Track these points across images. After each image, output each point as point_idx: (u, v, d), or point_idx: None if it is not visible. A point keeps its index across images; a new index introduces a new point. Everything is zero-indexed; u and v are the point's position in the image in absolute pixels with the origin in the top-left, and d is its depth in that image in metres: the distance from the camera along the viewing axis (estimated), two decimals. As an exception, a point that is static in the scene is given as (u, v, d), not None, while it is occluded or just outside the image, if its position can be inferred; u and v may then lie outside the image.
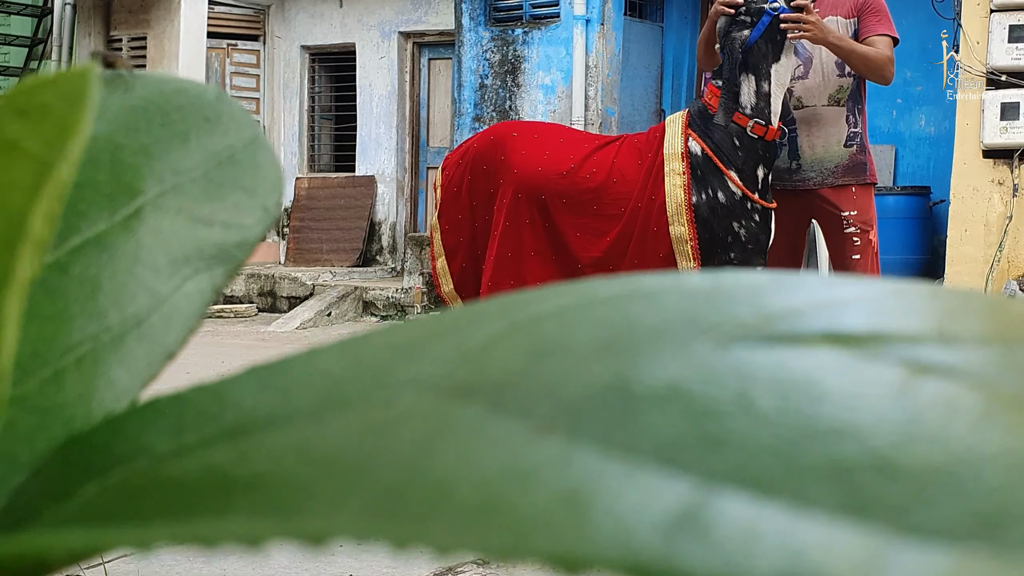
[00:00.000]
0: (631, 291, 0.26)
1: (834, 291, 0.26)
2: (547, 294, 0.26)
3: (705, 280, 0.26)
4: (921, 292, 0.26)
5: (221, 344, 9.24)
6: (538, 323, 0.25)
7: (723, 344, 0.23)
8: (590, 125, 10.07)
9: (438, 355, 0.25)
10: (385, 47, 12.37)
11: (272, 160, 0.37)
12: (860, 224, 4.93)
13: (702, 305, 0.25)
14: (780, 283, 0.26)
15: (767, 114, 4.70)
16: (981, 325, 0.24)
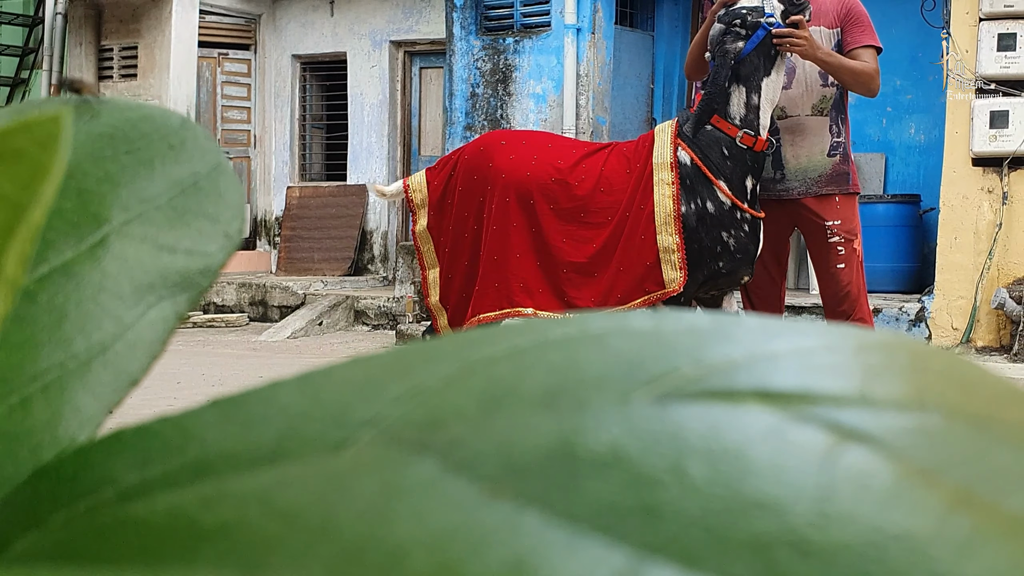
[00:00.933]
0: (580, 333, 0.26)
1: (770, 343, 0.26)
2: (502, 334, 0.27)
3: (649, 323, 0.27)
4: (850, 347, 0.27)
5: (212, 354, 9.23)
6: (492, 365, 0.25)
7: (662, 399, 0.24)
8: (581, 134, 10.09)
9: (395, 395, 0.25)
10: (376, 56, 12.39)
11: (235, 187, 0.38)
12: (844, 233, 4.95)
13: (645, 351, 0.26)
14: (720, 331, 0.27)
15: (756, 126, 4.72)
16: (900, 386, 0.25)
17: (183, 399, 6.47)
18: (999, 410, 0.26)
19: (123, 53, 12.38)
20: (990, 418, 0.26)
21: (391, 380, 0.25)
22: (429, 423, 0.24)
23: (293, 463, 0.24)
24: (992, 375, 0.29)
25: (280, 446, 0.25)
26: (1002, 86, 7.85)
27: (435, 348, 0.26)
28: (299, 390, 0.26)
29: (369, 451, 0.23)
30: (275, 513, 0.22)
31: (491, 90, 10.65)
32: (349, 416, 0.25)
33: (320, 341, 10.11)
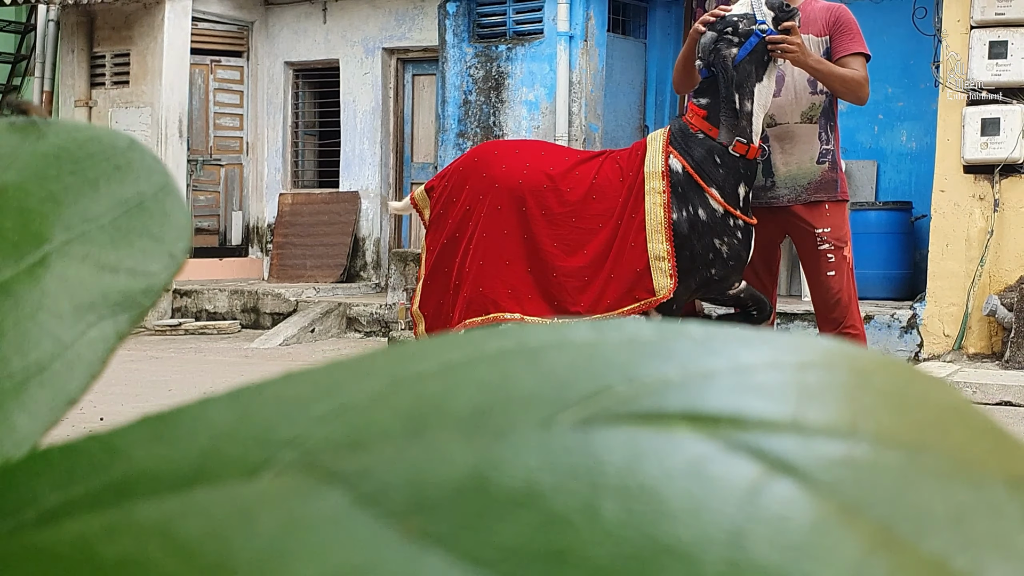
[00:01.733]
0: (517, 347, 0.26)
1: (709, 359, 0.26)
2: (436, 347, 0.26)
3: (589, 335, 0.26)
4: (791, 364, 0.26)
5: (204, 361, 9.21)
6: (422, 381, 0.25)
7: (588, 422, 0.24)
8: (574, 141, 10.09)
9: (321, 413, 0.25)
10: (369, 63, 12.39)
11: (181, 207, 0.38)
12: (834, 240, 4.95)
13: (580, 367, 0.25)
14: (660, 345, 0.26)
15: (748, 133, 4.73)
16: (834, 410, 0.25)
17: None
18: (936, 435, 0.26)
19: (115, 60, 12.37)
20: (923, 445, 0.25)
21: (320, 396, 0.25)
22: (350, 445, 0.24)
23: (208, 488, 0.24)
24: (939, 391, 0.28)
25: (201, 467, 0.25)
26: (993, 93, 7.86)
27: (368, 362, 0.26)
28: (229, 407, 0.26)
29: (282, 479, 0.23)
30: (174, 547, 0.22)
31: (484, 97, 10.66)
32: (273, 435, 0.24)
33: (312, 348, 10.10)
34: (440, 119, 10.91)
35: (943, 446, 0.25)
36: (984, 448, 0.25)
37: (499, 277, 4.81)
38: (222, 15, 12.73)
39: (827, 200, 4.98)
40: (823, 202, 4.97)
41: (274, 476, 0.23)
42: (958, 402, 0.27)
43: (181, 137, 12.22)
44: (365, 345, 10.19)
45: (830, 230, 4.96)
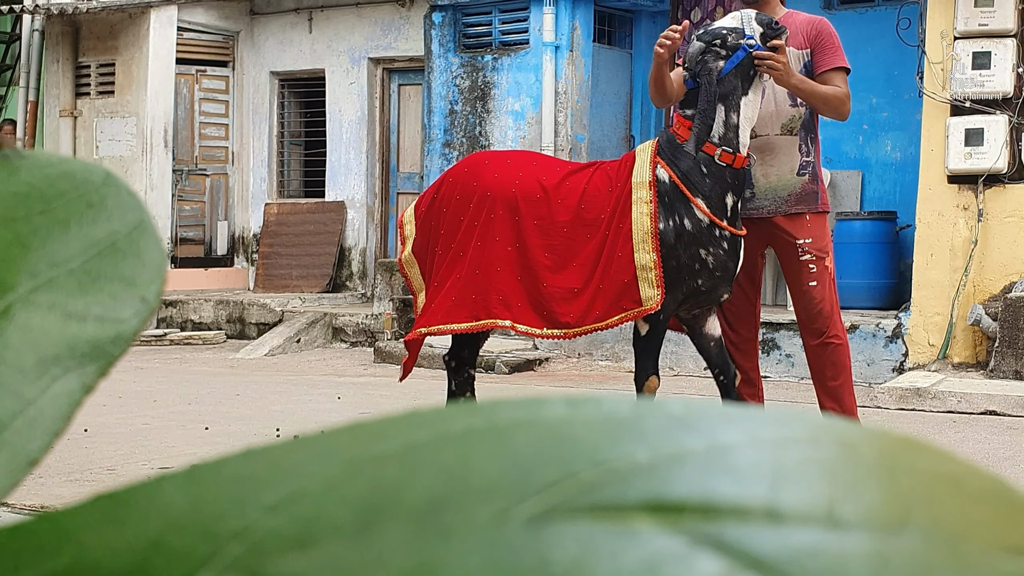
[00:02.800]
0: (485, 426, 0.25)
1: (684, 438, 0.25)
2: (402, 425, 0.26)
3: (562, 412, 0.26)
4: (771, 441, 0.25)
5: (189, 371, 9.18)
6: (382, 465, 0.24)
7: (544, 516, 0.23)
8: (560, 151, 10.10)
9: (274, 501, 0.24)
10: (355, 73, 12.38)
11: (156, 246, 0.37)
12: (816, 251, 4.97)
13: (547, 451, 0.24)
14: (634, 423, 0.25)
15: (735, 144, 4.75)
16: (814, 493, 0.23)
17: (159, 417, 6.43)
18: (924, 509, 0.25)
19: (101, 70, 12.34)
20: (908, 522, 0.24)
21: (276, 480, 0.24)
22: (297, 541, 0.23)
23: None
24: (931, 460, 0.27)
25: (146, 562, 0.24)
26: (977, 104, 7.89)
27: (330, 440, 0.25)
28: (184, 488, 0.25)
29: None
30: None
31: (470, 107, 10.66)
32: (222, 525, 0.23)
33: (298, 358, 10.07)
34: (426, 129, 10.90)
35: (931, 520, 0.24)
36: (979, 517, 0.24)
37: (490, 284, 4.82)
38: (207, 25, 12.71)
39: (808, 211, 5.00)
40: (804, 213, 4.99)
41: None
42: (952, 469, 0.26)
43: (166, 147, 12.19)
44: (351, 355, 10.16)
45: (811, 241, 4.98)
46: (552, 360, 9.04)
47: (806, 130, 5.01)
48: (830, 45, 4.95)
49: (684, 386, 7.78)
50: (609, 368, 8.85)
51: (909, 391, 6.97)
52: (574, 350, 9.17)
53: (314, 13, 12.57)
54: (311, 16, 12.59)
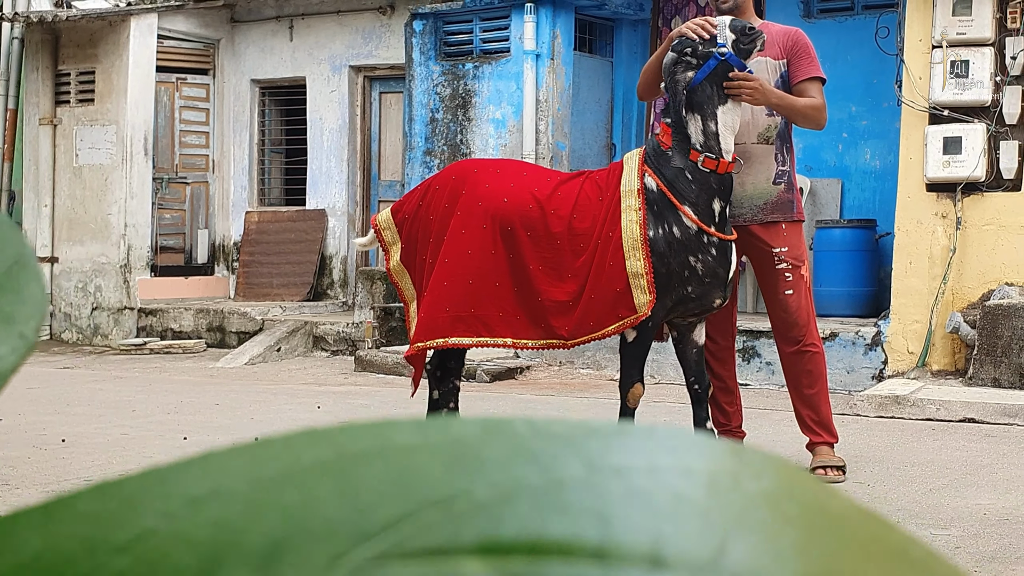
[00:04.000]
0: (335, 457, 0.25)
1: (523, 473, 0.25)
2: (253, 458, 0.25)
3: (413, 438, 0.25)
4: (612, 471, 0.25)
5: (168, 381, 9.14)
6: (229, 503, 0.24)
7: (376, 561, 0.22)
8: (541, 159, 10.10)
9: (122, 542, 0.24)
10: (336, 81, 12.37)
11: (36, 280, 0.36)
12: (791, 260, 4.99)
13: (391, 485, 0.24)
14: (480, 451, 0.25)
15: (717, 150, 4.76)
16: (640, 534, 0.23)
17: (137, 427, 6.40)
18: (731, 556, 0.24)
19: (80, 78, 12.30)
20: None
21: (126, 519, 0.24)
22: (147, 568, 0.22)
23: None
24: (808, 488, 0.27)
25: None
26: (955, 112, 7.93)
27: (180, 474, 0.25)
28: (39, 527, 0.25)
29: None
30: None
31: (451, 115, 10.66)
32: (72, 570, 0.23)
33: (278, 367, 10.05)
34: (407, 137, 10.90)
35: (752, 560, 0.23)
36: (849, 561, 0.24)
37: (490, 299, 4.80)
38: (188, 33, 12.68)
39: (784, 220, 5.02)
40: (780, 222, 5.02)
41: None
42: (827, 505, 0.26)
43: (147, 155, 12.15)
44: (332, 364, 10.14)
45: (787, 249, 5.00)
46: (533, 368, 9.04)
47: (782, 139, 5.04)
48: (806, 55, 4.98)
49: (664, 394, 7.78)
50: (591, 376, 8.85)
51: (888, 399, 6.99)
52: (555, 358, 9.16)
53: (295, 21, 12.56)
54: (292, 24, 12.58)
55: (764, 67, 4.90)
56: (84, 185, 12.24)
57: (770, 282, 5.04)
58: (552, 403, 7.49)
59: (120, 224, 11.99)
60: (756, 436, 5.73)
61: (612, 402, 5.95)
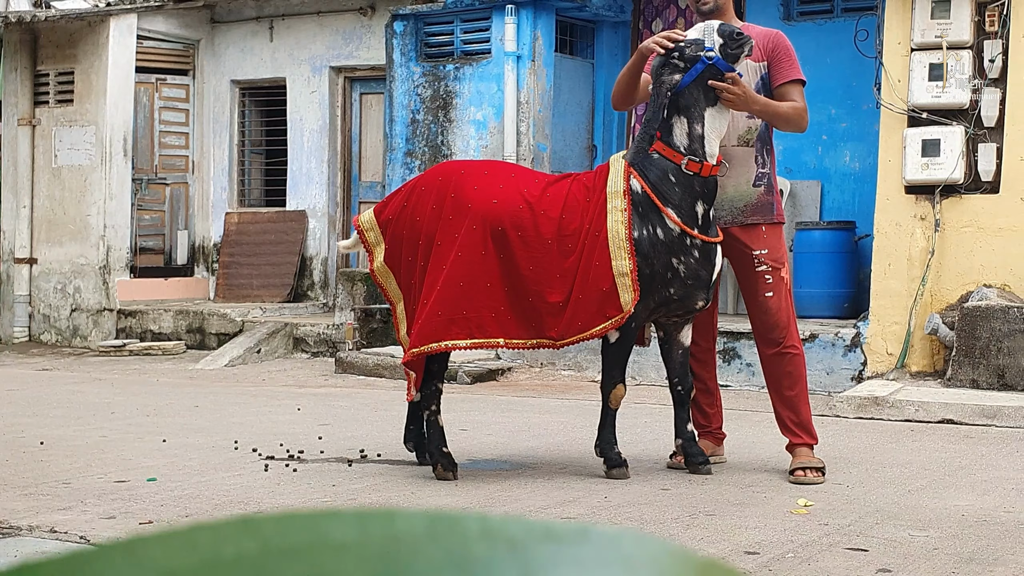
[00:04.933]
0: (258, 554, 0.25)
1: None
2: (172, 547, 0.25)
3: (351, 534, 0.25)
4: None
5: (148, 383, 9.10)
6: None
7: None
8: (522, 160, 10.10)
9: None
10: (316, 81, 12.34)
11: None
12: (771, 262, 5.01)
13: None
14: (410, 559, 0.25)
15: (701, 153, 4.78)
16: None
17: (116, 429, 6.37)
18: None
19: (59, 78, 12.24)
20: None
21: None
22: None
23: None
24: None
25: None
26: (933, 115, 7.97)
27: (108, 556, 0.24)
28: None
29: None
30: None
31: (432, 116, 10.64)
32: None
33: (258, 369, 10.01)
34: (388, 138, 10.88)
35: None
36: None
37: (482, 300, 4.80)
38: (167, 33, 12.64)
39: (764, 222, 5.04)
40: (760, 224, 5.04)
41: None
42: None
43: (126, 156, 12.10)
44: (312, 366, 10.12)
45: (767, 251, 5.02)
46: (515, 370, 9.04)
47: (762, 142, 5.06)
48: (786, 58, 5.00)
49: (646, 396, 7.79)
50: (572, 378, 8.85)
51: (867, 400, 7.01)
52: (537, 360, 9.16)
53: (275, 22, 12.52)
54: (272, 25, 12.55)
55: (745, 69, 4.92)
56: (63, 186, 12.17)
57: (750, 284, 5.06)
58: (533, 405, 7.49)
59: (99, 225, 11.94)
60: (736, 438, 5.74)
61: (593, 404, 5.96)
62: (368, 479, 4.99)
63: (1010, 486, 4.82)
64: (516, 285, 4.84)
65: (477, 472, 5.12)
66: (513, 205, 4.86)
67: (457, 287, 4.80)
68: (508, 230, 4.83)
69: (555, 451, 5.64)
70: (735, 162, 5.00)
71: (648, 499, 4.52)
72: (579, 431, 6.17)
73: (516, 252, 4.83)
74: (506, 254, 4.84)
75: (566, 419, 6.76)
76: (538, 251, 4.83)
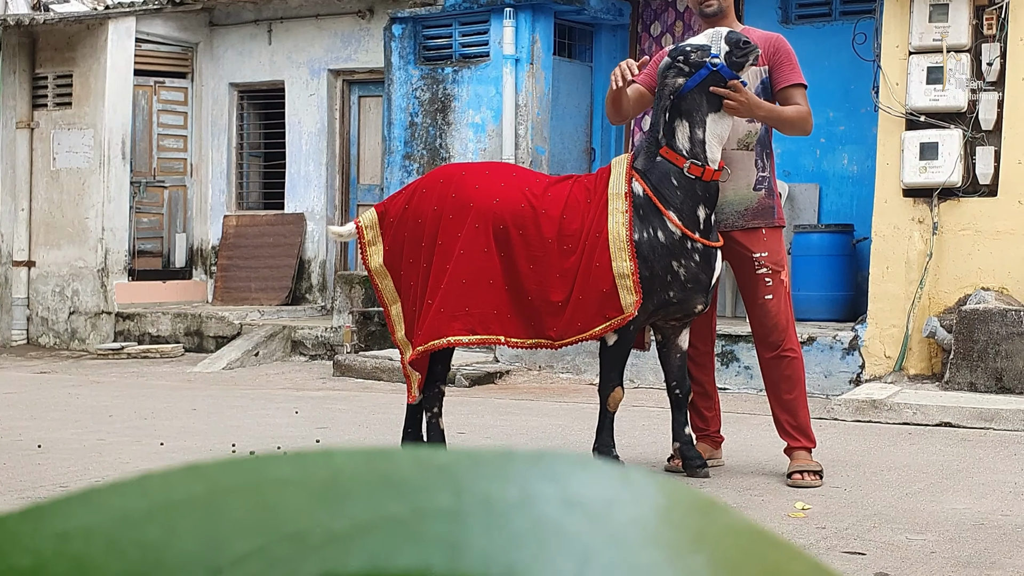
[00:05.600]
0: (205, 492, 0.25)
1: (389, 504, 0.25)
2: (123, 493, 0.26)
3: (289, 471, 0.25)
4: (480, 499, 0.25)
5: (146, 386, 9.10)
6: (90, 538, 0.24)
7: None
8: (520, 163, 10.11)
9: (11, 565, 0.24)
10: (314, 84, 12.35)
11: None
12: (771, 265, 5.02)
13: (251, 519, 0.24)
14: (350, 486, 0.25)
15: (703, 158, 4.80)
16: (489, 566, 0.24)
17: (114, 433, 6.37)
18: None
19: (58, 81, 12.24)
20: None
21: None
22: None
23: None
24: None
25: None
26: (931, 118, 7.97)
27: (63, 507, 0.25)
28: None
29: None
30: None
31: (430, 119, 10.65)
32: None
33: (256, 372, 10.01)
34: (386, 141, 10.89)
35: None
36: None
37: (484, 297, 4.82)
38: (166, 36, 12.64)
39: (764, 226, 5.05)
40: (760, 227, 5.04)
41: None
42: (708, 524, 0.26)
43: (124, 159, 12.10)
44: (310, 369, 10.12)
45: (767, 255, 5.02)
46: (513, 373, 9.04)
47: (762, 145, 5.06)
48: (787, 62, 5.01)
49: (644, 398, 7.79)
50: (570, 380, 8.86)
51: (865, 403, 7.02)
52: (535, 362, 9.17)
53: (274, 25, 12.53)
54: (271, 28, 12.55)
55: (746, 73, 4.92)
56: (61, 189, 12.17)
57: (750, 287, 5.06)
58: (531, 407, 7.49)
59: (98, 228, 11.94)
60: (734, 441, 5.74)
61: (591, 407, 5.96)
62: (366, 482, 4.98)
63: (1008, 489, 4.82)
64: (517, 284, 4.85)
65: (475, 475, 5.11)
66: (515, 204, 4.87)
67: (460, 284, 4.82)
68: (510, 228, 4.84)
69: (553, 454, 5.63)
70: (735, 166, 5.01)
71: (646, 502, 4.52)
72: (577, 434, 6.17)
73: (517, 251, 4.85)
74: (507, 253, 4.85)
75: (564, 422, 6.76)
76: (539, 250, 4.85)
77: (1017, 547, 3.85)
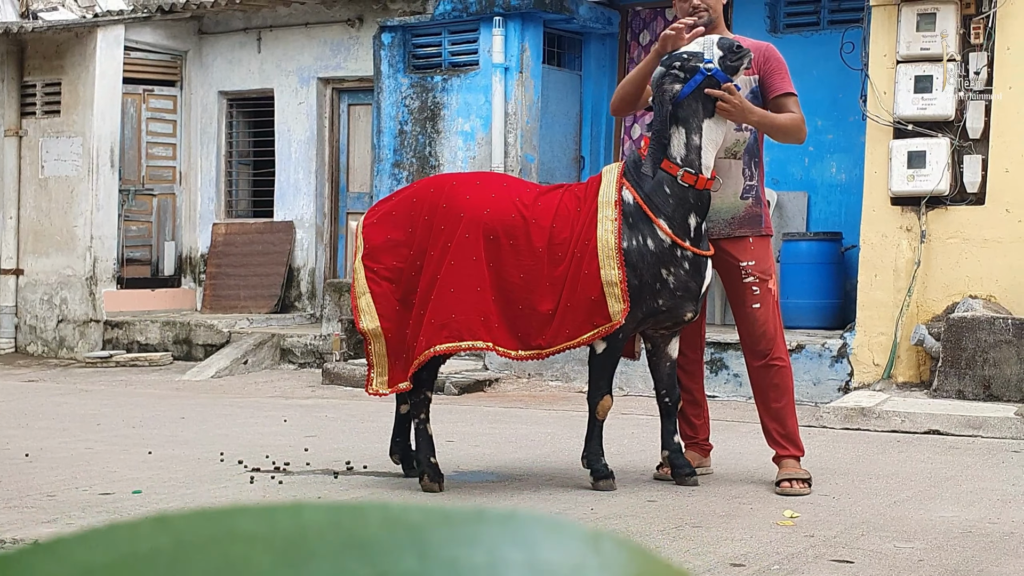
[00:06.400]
0: (171, 547, 0.25)
1: (363, 567, 0.25)
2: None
3: (258, 527, 0.26)
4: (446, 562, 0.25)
5: (134, 394, 9.08)
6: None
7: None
8: (510, 171, 10.11)
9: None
10: (304, 93, 12.34)
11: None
12: (759, 274, 5.02)
13: (230, 569, 0.25)
14: (332, 549, 0.25)
15: (698, 165, 4.81)
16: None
17: (102, 441, 6.35)
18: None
19: (46, 89, 12.22)
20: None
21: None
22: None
23: None
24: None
25: None
26: (919, 127, 8.00)
27: (31, 556, 0.25)
28: None
29: None
30: None
31: (419, 128, 10.66)
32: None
33: (245, 380, 9.99)
34: (376, 149, 10.89)
35: None
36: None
37: (472, 304, 4.81)
38: (155, 44, 12.63)
39: (752, 234, 5.05)
40: (748, 236, 5.05)
41: None
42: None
43: (113, 167, 12.08)
44: (299, 377, 10.10)
45: (755, 263, 5.03)
46: (502, 380, 9.03)
47: (750, 154, 5.07)
48: (778, 71, 5.02)
49: (633, 406, 7.80)
50: (559, 388, 8.86)
51: (854, 411, 7.03)
52: (524, 370, 9.16)
53: (263, 33, 12.53)
54: (260, 36, 12.55)
55: (739, 79, 4.93)
56: (50, 197, 12.15)
57: (738, 296, 5.07)
58: (521, 415, 7.48)
59: (86, 236, 11.91)
60: (723, 449, 5.75)
61: (581, 415, 5.96)
62: (354, 491, 4.98)
63: (995, 497, 4.83)
64: (506, 293, 4.85)
65: (464, 484, 5.11)
66: (506, 214, 4.87)
67: (448, 293, 4.82)
68: (501, 238, 4.84)
69: (542, 462, 5.64)
70: (723, 174, 5.01)
71: (634, 511, 4.52)
72: (566, 442, 6.17)
73: (508, 261, 4.85)
74: (497, 262, 4.85)
75: (553, 430, 6.76)
76: (529, 260, 4.85)
77: (1005, 555, 3.86)
